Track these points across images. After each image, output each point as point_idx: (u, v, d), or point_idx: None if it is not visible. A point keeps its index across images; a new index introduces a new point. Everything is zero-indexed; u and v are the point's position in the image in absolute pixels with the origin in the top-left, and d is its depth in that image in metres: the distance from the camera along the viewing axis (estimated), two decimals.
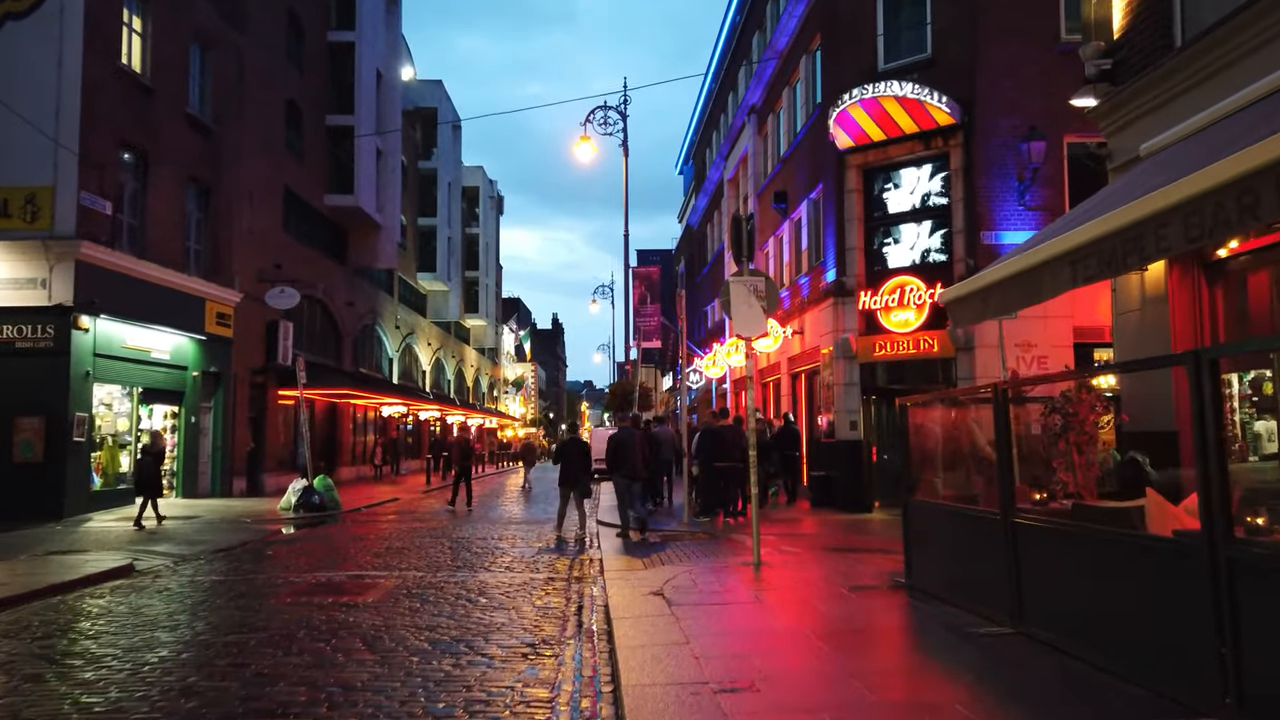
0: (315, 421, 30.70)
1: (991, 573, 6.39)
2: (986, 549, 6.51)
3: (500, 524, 16.42)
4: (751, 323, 9.73)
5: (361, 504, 21.20)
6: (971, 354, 15.88)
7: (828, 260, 18.34)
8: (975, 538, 6.80)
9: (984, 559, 6.59)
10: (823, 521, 15.45)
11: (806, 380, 20.92)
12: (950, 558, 7.30)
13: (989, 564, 6.45)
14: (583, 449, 14.56)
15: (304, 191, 28.80)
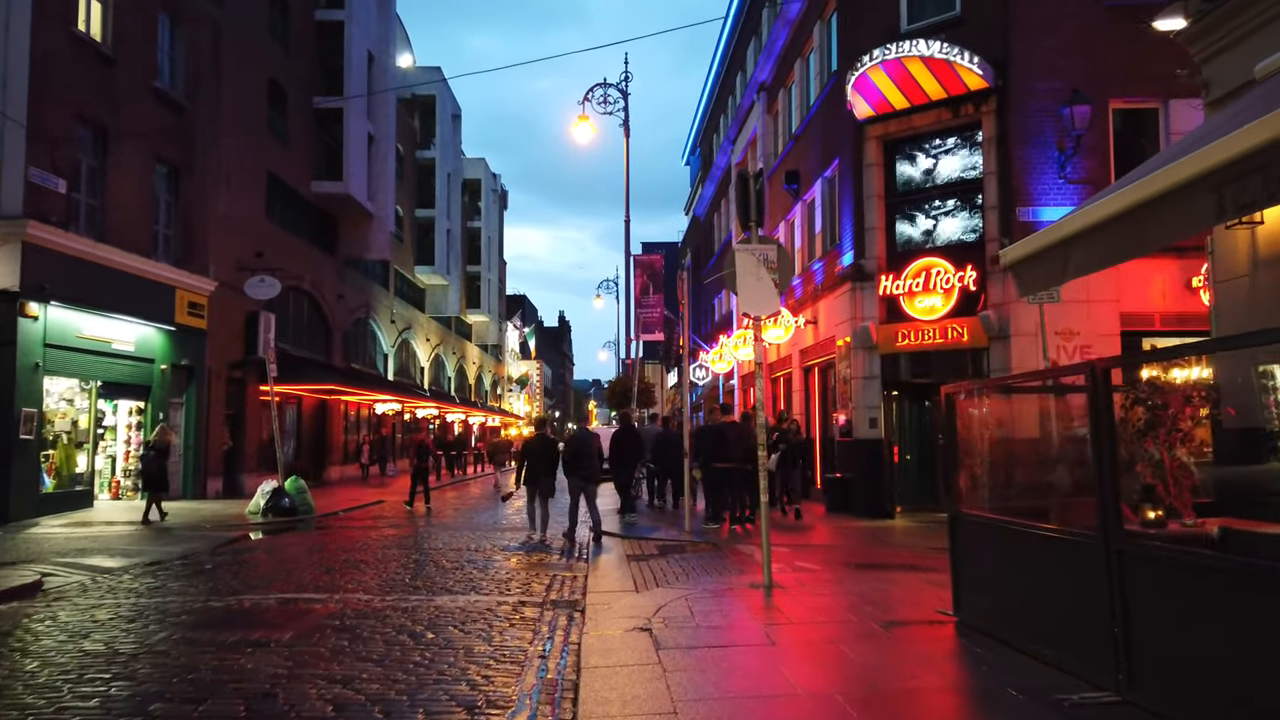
0: (302, 419, 29.30)
1: (1080, 614, 4.82)
2: (1073, 582, 4.94)
3: (483, 530, 14.90)
4: (761, 299, 8.16)
5: (340, 507, 19.71)
6: (1006, 343, 14.27)
7: (844, 242, 16.74)
8: (1055, 566, 5.22)
9: (1068, 595, 5.02)
10: (840, 530, 13.86)
11: (820, 375, 19.33)
12: (1017, 590, 5.73)
13: (1077, 602, 4.88)
14: (548, 447, 13.73)
15: (289, 177, 27.33)
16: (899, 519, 15.39)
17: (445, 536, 13.82)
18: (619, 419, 16.75)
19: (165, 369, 20.24)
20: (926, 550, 11.58)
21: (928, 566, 9.96)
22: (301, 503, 17.39)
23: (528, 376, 78.61)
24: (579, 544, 12.97)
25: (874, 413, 15.74)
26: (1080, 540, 4.89)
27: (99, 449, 19.61)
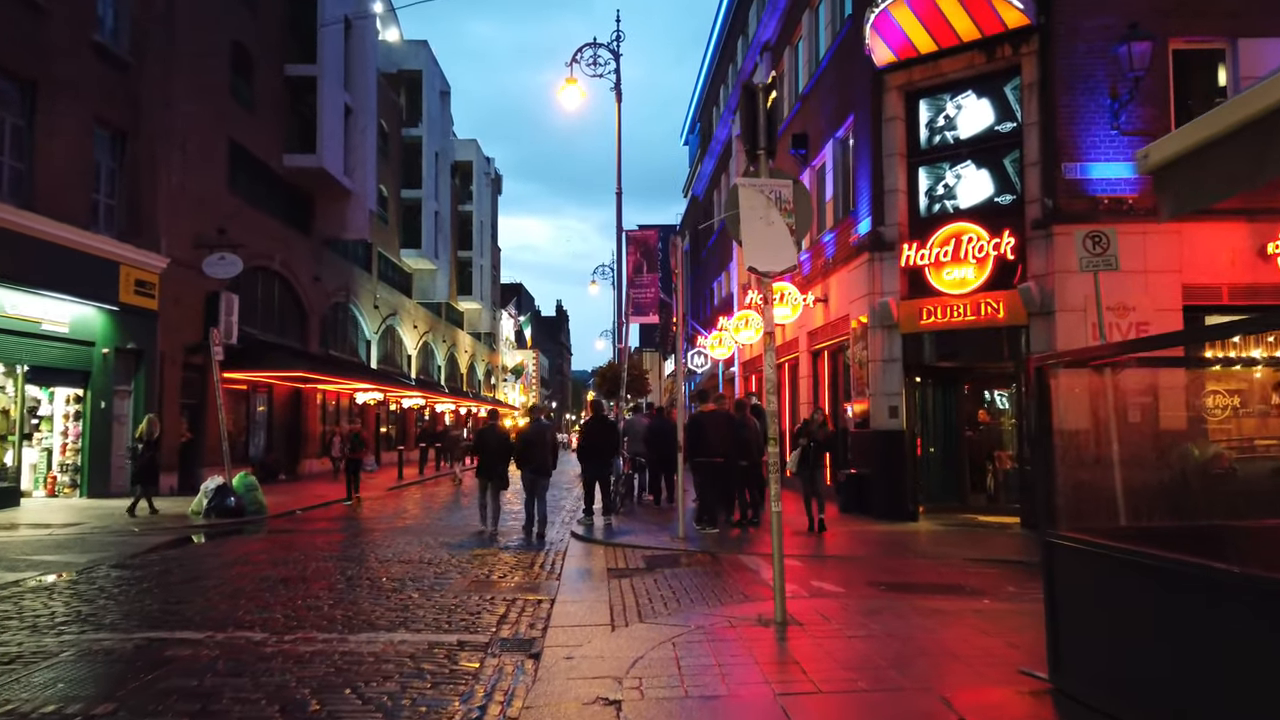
0: (274, 410, 27.42)
1: None
2: (1268, 652, 3.06)
3: (448, 534, 13.04)
4: (772, 248, 6.27)
5: (301, 505, 17.87)
6: (1050, 320, 12.38)
7: (860, 208, 14.82)
8: (1234, 624, 3.34)
9: (1257, 669, 3.15)
10: (858, 536, 11.99)
11: (830, 359, 17.45)
12: (1156, 652, 3.85)
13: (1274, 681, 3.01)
14: (500, 438, 13.50)
15: (257, 148, 25.37)
16: (923, 520, 13.53)
17: (401, 543, 11.96)
18: (592, 407, 14.91)
19: (108, 353, 18.34)
20: (964, 563, 9.72)
21: (975, 588, 8.10)
22: (251, 502, 15.52)
23: (523, 366, 76.71)
24: (550, 548, 11.12)
25: (894, 400, 13.86)
26: None
27: (33, 441, 17.79)
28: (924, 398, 14.61)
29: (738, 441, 12.36)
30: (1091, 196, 12.32)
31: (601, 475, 13.66)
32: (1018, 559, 10.19)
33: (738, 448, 12.38)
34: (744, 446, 12.40)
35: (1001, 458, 15.34)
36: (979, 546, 11.27)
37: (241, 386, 25.10)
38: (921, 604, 7.10)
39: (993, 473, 15.37)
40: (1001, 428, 15.55)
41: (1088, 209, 12.23)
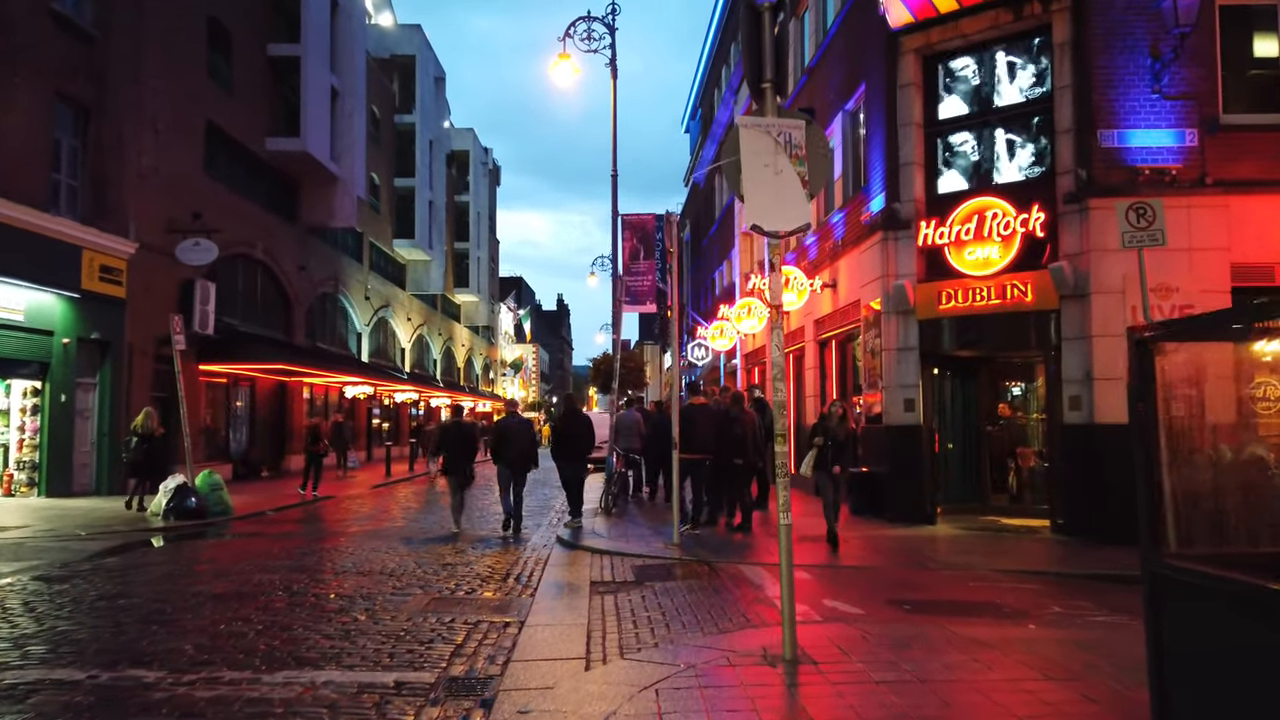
0: (256, 404, 26.31)
1: None
2: None
3: (421, 540, 11.92)
4: (780, 203, 5.12)
5: (273, 505, 16.76)
6: (1083, 303, 11.22)
7: (872, 184, 13.66)
8: None
9: None
10: (874, 542, 10.85)
11: (839, 350, 16.29)
12: None
13: None
14: (464, 434, 13.15)
15: (236, 131, 24.21)
16: (941, 524, 12.39)
17: (367, 549, 10.84)
18: (561, 401, 13.81)
19: (68, 343, 17.22)
20: (994, 576, 8.59)
21: (1014, 609, 6.97)
22: (216, 502, 14.42)
23: (522, 360, 75.58)
24: (531, 553, 10.00)
25: (910, 393, 12.71)
26: None
27: None
28: (941, 390, 13.46)
29: (728, 438, 11.29)
30: (1130, 167, 11.15)
31: (576, 474, 12.70)
32: (1054, 570, 9.05)
33: (728, 444, 11.30)
34: (736, 443, 11.29)
35: (1025, 455, 14.19)
36: (1008, 554, 10.13)
37: (221, 380, 24.00)
38: (956, 631, 5.96)
39: (1015, 471, 14.22)
40: (1024, 422, 14.40)
41: (1126, 180, 11.06)
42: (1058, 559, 9.90)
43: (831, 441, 10.35)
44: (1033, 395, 14.20)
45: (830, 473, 10.46)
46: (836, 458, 10.37)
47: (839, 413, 10.56)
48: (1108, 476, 10.86)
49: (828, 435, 10.43)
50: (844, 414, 10.59)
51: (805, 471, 10.57)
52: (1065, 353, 11.38)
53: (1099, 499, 10.88)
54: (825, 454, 10.40)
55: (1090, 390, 11.07)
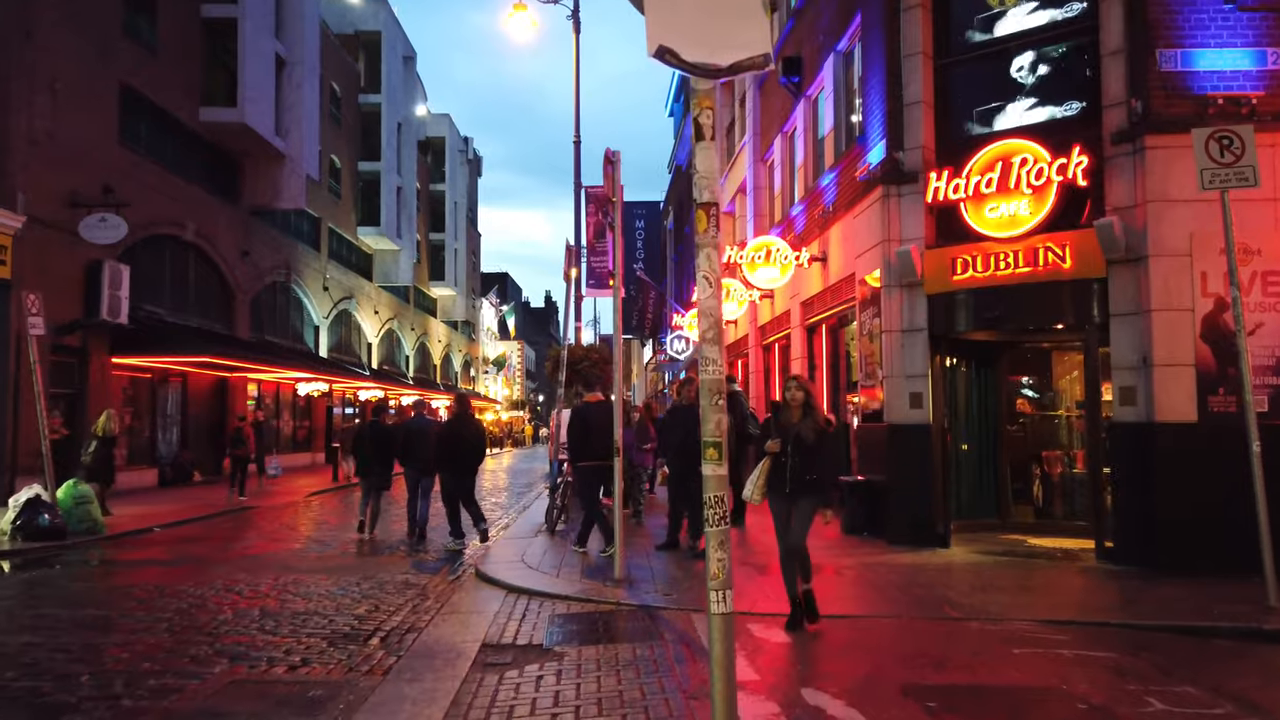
0: (189, 402, 23.82)
1: None
2: None
3: (296, 566, 9.52)
4: (712, 13, 2.71)
5: (181, 516, 14.36)
6: (1138, 268, 8.85)
7: (870, 132, 11.29)
8: None
9: None
10: (869, 573, 8.45)
11: (829, 337, 13.93)
12: None
13: None
14: (382, 436, 12.19)
15: (162, 98, 21.73)
16: (956, 546, 10.02)
17: (223, 584, 8.44)
18: (456, 402, 11.63)
19: None
20: (1045, 632, 6.21)
21: (1093, 702, 4.58)
22: (81, 519, 11.97)
23: (505, 358, 73.07)
24: (430, 593, 7.59)
25: (917, 384, 10.34)
26: None
27: None
28: (954, 380, 11.10)
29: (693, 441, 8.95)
30: (1198, 96, 8.79)
31: (463, 490, 10.84)
32: (1119, 619, 6.68)
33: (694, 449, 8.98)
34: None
35: (1050, 459, 11.85)
36: (1050, 593, 7.76)
37: (144, 374, 21.53)
38: None
39: (1041, 479, 11.87)
40: (1050, 420, 12.05)
41: (1193, 113, 8.70)
42: (1117, 601, 7.53)
43: (793, 446, 6.38)
44: (1066, 387, 11.84)
45: (793, 497, 6.39)
46: (803, 470, 6.34)
47: (799, 397, 6.48)
48: (1171, 489, 8.51)
49: (786, 435, 6.42)
50: (807, 399, 6.50)
51: (752, 495, 6.54)
52: (1115, 333, 9.02)
53: (1159, 518, 8.53)
54: (783, 467, 6.40)
55: (1148, 380, 8.71)
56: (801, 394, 6.50)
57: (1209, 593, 7.48)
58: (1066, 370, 11.87)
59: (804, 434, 6.37)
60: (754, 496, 6.46)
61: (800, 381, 6.63)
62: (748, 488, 6.52)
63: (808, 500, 6.34)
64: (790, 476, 6.34)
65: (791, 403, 6.52)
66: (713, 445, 2.93)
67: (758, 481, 6.43)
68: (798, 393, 6.52)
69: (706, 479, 2.93)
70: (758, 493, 6.44)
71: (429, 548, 11.01)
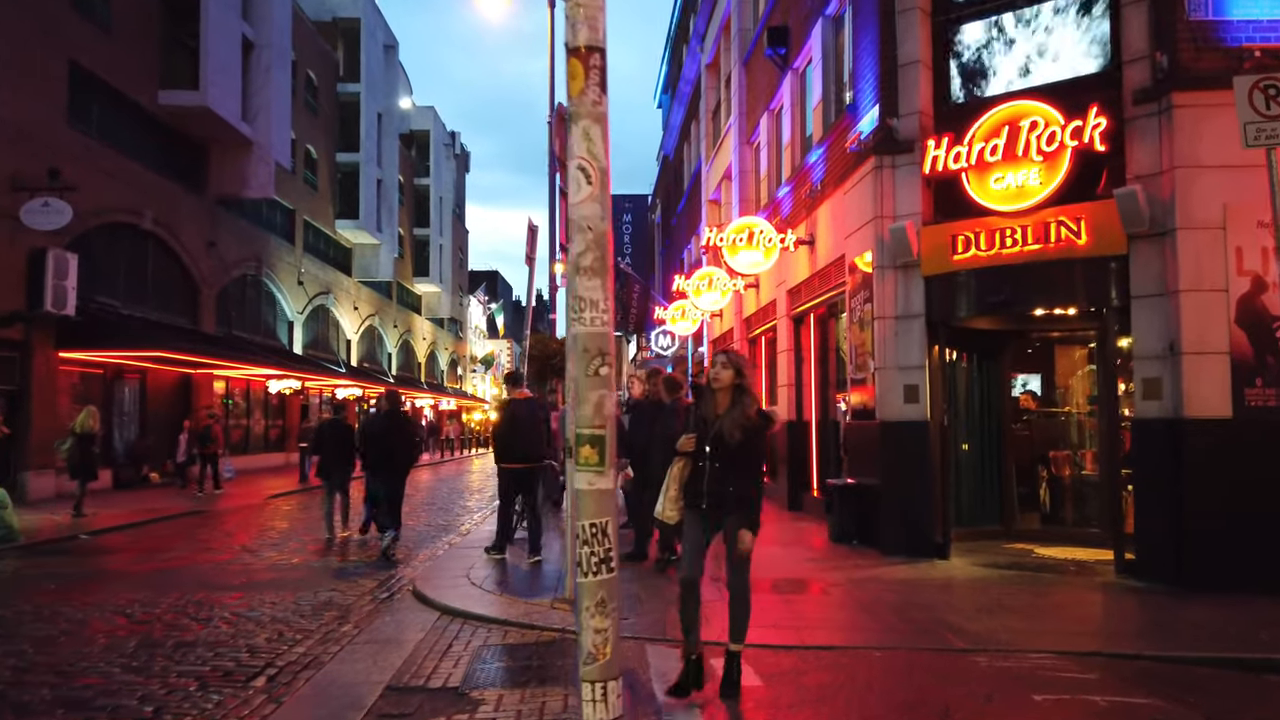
0: (148, 400, 22.65)
1: None
2: None
3: (200, 585, 8.43)
4: None
5: (123, 521, 13.26)
6: (1164, 244, 7.80)
7: (861, 99, 10.23)
8: None
9: None
10: (859, 591, 7.37)
11: (818, 327, 12.87)
12: None
13: None
14: (341, 434, 11.60)
15: (117, 79, 20.60)
16: (956, 557, 8.97)
17: (140, 599, 7.34)
18: (385, 399, 10.84)
19: None
20: (1073, 671, 5.15)
21: None
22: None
23: (493, 356, 71.90)
24: (354, 612, 6.48)
25: (913, 377, 9.28)
26: None
27: None
28: (954, 374, 10.04)
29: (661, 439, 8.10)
30: (1232, 48, 7.75)
31: (392, 494, 10.12)
32: (1157, 650, 5.62)
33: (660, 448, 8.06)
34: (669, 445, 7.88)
35: (1058, 460, 10.81)
36: (1070, 617, 6.71)
37: (95, 370, 20.37)
38: None
39: (1048, 482, 10.83)
40: (1058, 417, 11.01)
41: (1226, 67, 7.64)
42: (1147, 626, 6.48)
43: (714, 446, 4.69)
44: (1076, 381, 10.80)
45: (705, 513, 4.75)
46: (725, 479, 4.65)
47: (725, 378, 4.75)
48: (1202, 495, 7.46)
49: (706, 430, 4.76)
50: (738, 379, 4.75)
51: (664, 510, 4.90)
52: (1137, 317, 7.97)
53: (1189, 527, 7.49)
54: (701, 474, 4.74)
55: (1175, 370, 7.66)
56: (730, 373, 4.73)
57: (1251, 615, 6.44)
58: (1077, 362, 10.84)
59: (727, 430, 4.61)
60: (667, 513, 4.86)
61: (731, 356, 4.85)
62: (660, 501, 4.90)
63: (737, 520, 4.65)
64: (709, 488, 4.66)
65: (715, 384, 4.75)
66: (590, 441, 1.89)
67: (669, 492, 4.83)
68: (724, 371, 4.74)
69: (580, 494, 1.90)
70: (671, 508, 4.83)
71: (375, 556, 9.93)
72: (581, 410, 1.96)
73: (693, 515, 4.81)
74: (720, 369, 4.77)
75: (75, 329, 18.31)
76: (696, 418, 4.87)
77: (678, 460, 4.83)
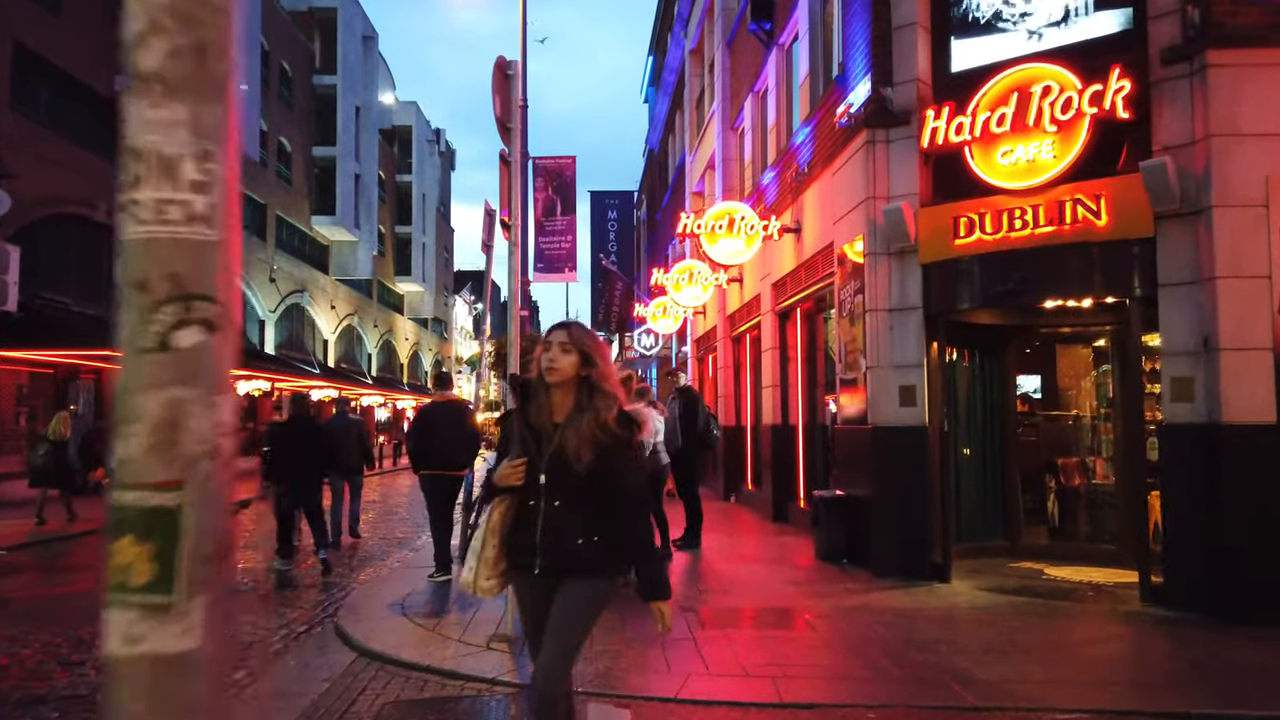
0: (103, 403, 21.52)
1: None
2: None
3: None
4: None
5: (15, 542, 12.13)
6: (1196, 224, 6.81)
7: (851, 68, 9.23)
8: None
9: None
10: (847, 623, 6.33)
11: (805, 322, 11.87)
12: None
13: None
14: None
15: (68, 63, 19.56)
16: (958, 579, 7.97)
17: (7, 637, 6.27)
18: (292, 404, 10.04)
19: None
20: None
21: None
22: None
23: (480, 357, 70.73)
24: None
25: (909, 376, 8.28)
26: None
27: None
28: (954, 375, 9.05)
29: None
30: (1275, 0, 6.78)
31: (307, 504, 9.25)
32: (1217, 709, 4.62)
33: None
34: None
35: (1067, 468, 9.84)
36: (1095, 658, 5.70)
37: (47, 370, 19.27)
38: None
39: (1056, 492, 9.85)
40: (1067, 421, 10.04)
41: (1268, 22, 6.70)
42: (1188, 671, 5.47)
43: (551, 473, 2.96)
44: (1089, 381, 9.83)
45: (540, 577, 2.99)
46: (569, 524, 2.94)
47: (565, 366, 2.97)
48: (1244, 511, 6.48)
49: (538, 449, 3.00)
50: (586, 366, 2.98)
51: (473, 579, 3.05)
52: (1165, 308, 6.97)
53: (1229, 547, 6.50)
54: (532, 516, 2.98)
55: (1210, 369, 6.67)
56: (572, 358, 2.96)
57: None
58: (1091, 360, 9.87)
59: (571, 448, 2.91)
60: (480, 583, 3.03)
61: (573, 332, 3.03)
62: (467, 564, 3.06)
63: (581, 586, 2.95)
64: (543, 539, 2.93)
65: (551, 376, 2.97)
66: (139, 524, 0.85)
67: (484, 552, 3.01)
68: (564, 356, 2.96)
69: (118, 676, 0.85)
70: (486, 572, 3.02)
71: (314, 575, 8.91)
72: (125, 444, 0.94)
73: (520, 580, 3.06)
74: (556, 353, 2.95)
75: (17, 327, 17.19)
76: (527, 429, 3.03)
77: (496, 503, 3.05)
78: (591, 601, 2.99)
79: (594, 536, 2.93)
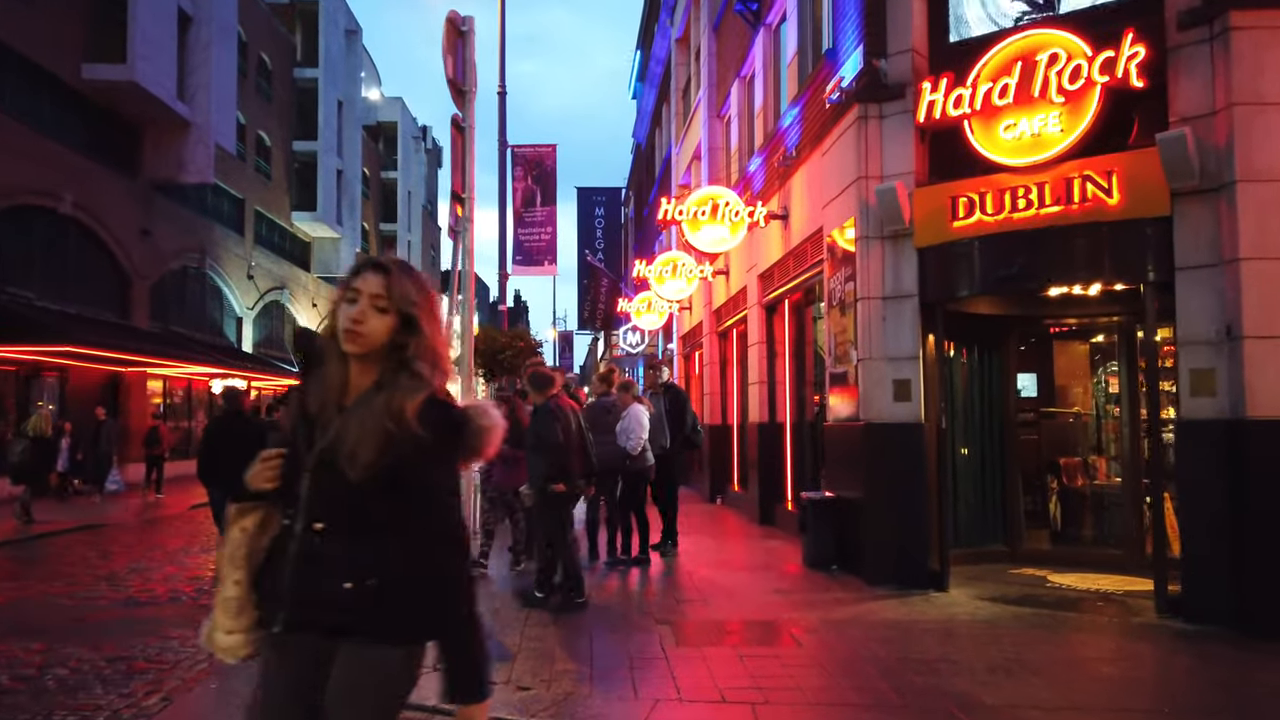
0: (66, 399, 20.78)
1: None
2: None
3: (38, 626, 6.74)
4: None
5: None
6: (1217, 201, 6.24)
7: (842, 40, 8.64)
8: None
9: None
10: (836, 638, 5.73)
11: (793, 315, 11.28)
12: None
13: None
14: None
15: (32, 49, 18.82)
16: (956, 588, 7.38)
17: None
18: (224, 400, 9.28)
19: None
20: None
21: None
22: None
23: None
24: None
25: (904, 369, 7.70)
26: None
27: None
28: (952, 367, 8.48)
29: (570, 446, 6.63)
30: None
31: None
32: None
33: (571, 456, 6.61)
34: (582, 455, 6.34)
35: (1070, 468, 9.28)
36: (1111, 678, 5.11)
37: (8, 367, 18.53)
38: None
39: (1058, 493, 9.29)
40: (1070, 418, 9.48)
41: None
42: (1222, 695, 4.89)
43: (314, 482, 1.94)
44: (1094, 375, 9.27)
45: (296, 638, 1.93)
46: (344, 559, 1.90)
47: (367, 331, 1.94)
48: (1272, 515, 5.91)
49: (304, 447, 1.99)
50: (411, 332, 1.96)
51: (212, 634, 2.00)
52: (1183, 293, 6.40)
53: (1255, 555, 5.93)
54: (285, 547, 1.95)
55: (1234, 359, 6.11)
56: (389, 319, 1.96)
57: None
58: (1095, 354, 9.32)
59: (348, 442, 1.91)
60: (211, 634, 2.00)
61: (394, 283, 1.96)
62: (208, 622, 2.00)
63: (359, 665, 1.88)
64: (293, 578, 1.93)
65: (350, 343, 1.95)
66: None
67: (225, 590, 1.99)
68: (375, 317, 1.94)
69: None
70: (226, 623, 1.98)
71: None
72: None
73: (270, 646, 1.98)
74: (366, 308, 1.94)
75: None
76: (299, 420, 2.03)
77: (240, 516, 2.03)
78: (380, 689, 1.88)
79: (367, 579, 1.87)
